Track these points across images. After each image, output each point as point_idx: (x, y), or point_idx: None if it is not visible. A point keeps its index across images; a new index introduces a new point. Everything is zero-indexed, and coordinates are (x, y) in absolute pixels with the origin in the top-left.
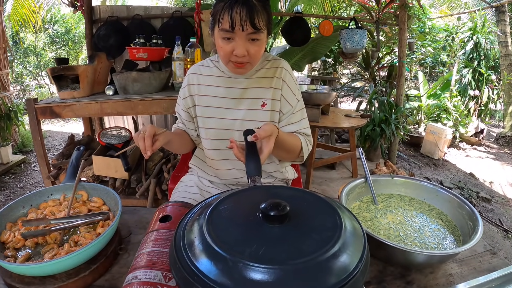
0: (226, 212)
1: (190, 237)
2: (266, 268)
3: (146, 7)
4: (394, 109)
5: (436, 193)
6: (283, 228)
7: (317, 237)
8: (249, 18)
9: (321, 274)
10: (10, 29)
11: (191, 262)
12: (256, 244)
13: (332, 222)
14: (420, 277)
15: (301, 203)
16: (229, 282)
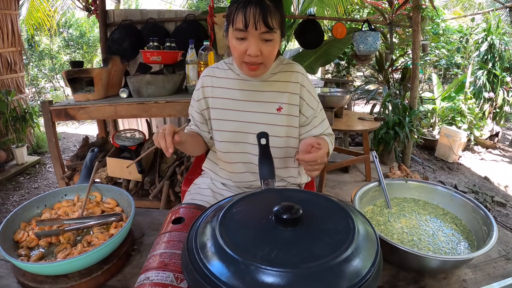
0: (239, 215)
1: (203, 239)
2: (278, 271)
3: (160, 10)
4: (408, 112)
5: (450, 197)
6: (296, 231)
7: (330, 241)
8: (262, 17)
9: (333, 278)
10: (26, 32)
11: (203, 264)
12: (268, 247)
13: (345, 225)
14: (433, 282)
15: (314, 207)
16: (241, 284)
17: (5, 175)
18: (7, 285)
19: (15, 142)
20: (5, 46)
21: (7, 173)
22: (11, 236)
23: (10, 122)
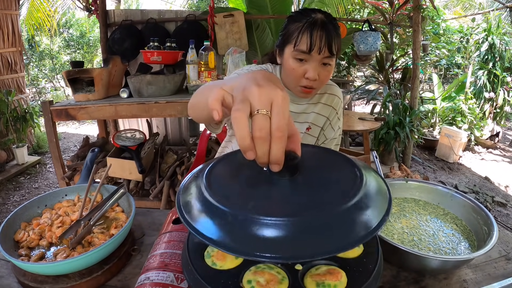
0: (228, 167)
1: (186, 198)
2: (273, 220)
3: (160, 11)
4: (409, 112)
5: (450, 197)
6: (294, 180)
7: (333, 189)
8: (327, 42)
9: (337, 228)
10: (26, 32)
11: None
12: (262, 197)
13: (350, 175)
14: (434, 282)
15: (315, 157)
16: (233, 239)
17: (6, 175)
18: (8, 285)
19: (16, 142)
20: (5, 46)
21: (8, 173)
22: (12, 236)
23: (11, 122)
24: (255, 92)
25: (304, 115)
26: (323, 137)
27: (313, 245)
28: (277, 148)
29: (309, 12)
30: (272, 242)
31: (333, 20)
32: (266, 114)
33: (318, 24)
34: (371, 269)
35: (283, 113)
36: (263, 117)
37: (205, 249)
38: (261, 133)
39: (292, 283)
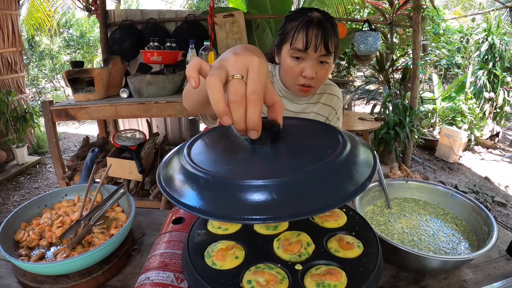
0: (211, 140)
1: (168, 172)
2: (257, 184)
3: (160, 11)
4: (409, 112)
5: (450, 197)
6: (276, 147)
7: (316, 153)
8: (323, 40)
9: (318, 189)
10: (26, 32)
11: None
12: (243, 163)
13: (334, 141)
14: (434, 282)
15: (297, 126)
16: (218, 207)
17: (6, 175)
18: (7, 285)
19: (16, 142)
20: (5, 46)
21: (8, 173)
22: (12, 236)
23: (11, 122)
24: (231, 59)
25: (303, 115)
26: None
27: (295, 206)
28: (252, 112)
29: (306, 11)
30: (256, 204)
31: (330, 18)
32: (240, 78)
33: (314, 22)
34: (371, 269)
35: (258, 78)
36: (238, 81)
37: (205, 249)
38: (236, 97)
39: (292, 283)
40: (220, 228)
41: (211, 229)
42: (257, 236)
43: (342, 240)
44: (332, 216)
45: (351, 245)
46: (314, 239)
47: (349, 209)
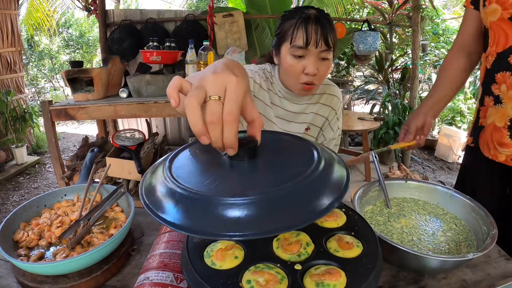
0: (191, 158)
1: (150, 184)
2: (233, 201)
3: (159, 10)
4: (408, 112)
5: (450, 197)
6: (253, 164)
7: (291, 170)
8: (323, 34)
9: (291, 205)
10: (25, 32)
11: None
12: (222, 181)
13: (310, 157)
14: (433, 282)
15: (276, 141)
16: (198, 223)
17: (5, 175)
18: (7, 285)
19: (15, 142)
20: (4, 46)
21: (7, 173)
22: (11, 236)
23: (10, 122)
24: (210, 79)
25: (303, 115)
26: (322, 138)
27: (272, 221)
28: (228, 132)
29: (301, 9)
30: (227, 220)
31: (326, 14)
32: (218, 99)
33: (312, 18)
34: (370, 269)
35: (235, 98)
36: (215, 102)
37: (204, 249)
38: (213, 118)
39: (291, 283)
40: None
41: None
42: None
43: (342, 240)
44: (332, 216)
45: (351, 245)
46: (314, 239)
47: (349, 209)
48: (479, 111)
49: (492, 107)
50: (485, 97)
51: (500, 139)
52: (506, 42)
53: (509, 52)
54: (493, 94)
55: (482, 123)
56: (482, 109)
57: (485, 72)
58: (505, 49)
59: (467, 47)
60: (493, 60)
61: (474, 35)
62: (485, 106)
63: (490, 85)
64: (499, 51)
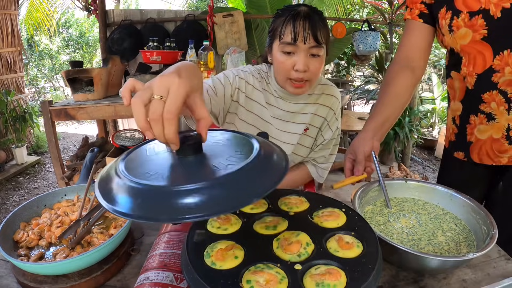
0: (144, 155)
1: (105, 179)
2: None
3: (159, 10)
4: (408, 112)
5: (450, 197)
6: (198, 157)
7: (231, 161)
8: (311, 31)
9: (239, 185)
10: (25, 32)
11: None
12: (169, 173)
13: (250, 149)
14: (433, 282)
15: (220, 137)
16: (147, 210)
17: (5, 175)
18: (7, 285)
19: (15, 142)
20: (4, 46)
21: (7, 173)
22: (11, 236)
23: (10, 122)
24: (157, 80)
25: (301, 116)
26: (321, 138)
27: (200, 208)
28: (168, 129)
29: (293, 6)
30: (174, 206)
31: (318, 11)
32: (159, 99)
33: (301, 15)
34: (370, 269)
35: (175, 98)
36: (156, 101)
37: (204, 249)
38: (153, 115)
39: (291, 283)
40: (220, 228)
41: (210, 229)
42: (257, 236)
43: (342, 240)
44: (332, 216)
45: (351, 245)
46: (314, 239)
47: (349, 209)
48: (465, 128)
49: (485, 124)
50: (470, 116)
51: (500, 148)
52: (485, 62)
53: (491, 71)
54: (484, 112)
55: (471, 139)
56: (468, 127)
57: (466, 92)
58: (486, 70)
59: (412, 61)
60: (475, 81)
61: (422, 49)
62: (472, 124)
63: (476, 105)
64: (479, 72)
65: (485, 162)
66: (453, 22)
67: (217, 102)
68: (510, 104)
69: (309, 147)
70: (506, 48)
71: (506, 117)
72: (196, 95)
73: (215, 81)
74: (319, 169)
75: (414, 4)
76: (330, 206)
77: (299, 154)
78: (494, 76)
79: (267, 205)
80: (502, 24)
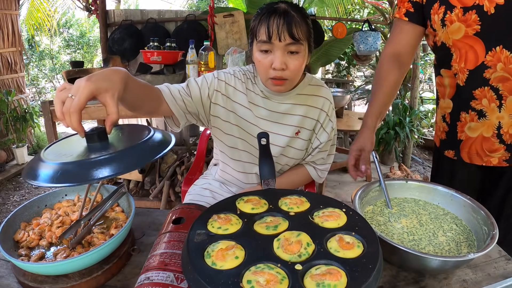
0: (66, 143)
1: (33, 166)
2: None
3: (160, 10)
4: (409, 112)
5: (450, 197)
6: (102, 143)
7: (129, 141)
8: (286, 27)
9: (130, 158)
10: (26, 32)
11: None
12: (79, 154)
13: (146, 134)
14: (434, 282)
15: (124, 128)
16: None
17: (6, 175)
18: (7, 285)
19: (16, 142)
20: (5, 46)
21: (8, 173)
22: (12, 236)
23: (11, 122)
24: (75, 83)
25: (289, 117)
26: (317, 141)
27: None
28: (72, 120)
29: (272, 4)
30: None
31: (298, 8)
32: (70, 97)
33: (278, 12)
34: (371, 269)
35: (79, 97)
36: (68, 99)
37: (205, 249)
38: (64, 109)
39: (292, 283)
40: (220, 228)
41: (211, 229)
42: (257, 236)
43: (342, 240)
44: (332, 216)
45: (351, 245)
46: (314, 239)
47: (349, 209)
48: (456, 126)
49: (476, 122)
50: (461, 113)
51: (491, 147)
52: (477, 58)
53: (483, 67)
54: (475, 110)
55: (461, 137)
56: (459, 124)
57: (457, 89)
58: (478, 66)
59: (401, 57)
60: (466, 77)
61: (412, 45)
62: (462, 122)
63: (467, 102)
64: (471, 68)
65: (475, 162)
66: (446, 17)
67: (191, 102)
68: (501, 101)
69: (303, 149)
70: (499, 44)
71: (497, 115)
72: (105, 94)
73: (191, 83)
74: (318, 170)
75: (402, 3)
76: (331, 206)
77: (292, 157)
78: (486, 72)
79: (267, 205)
80: (496, 20)
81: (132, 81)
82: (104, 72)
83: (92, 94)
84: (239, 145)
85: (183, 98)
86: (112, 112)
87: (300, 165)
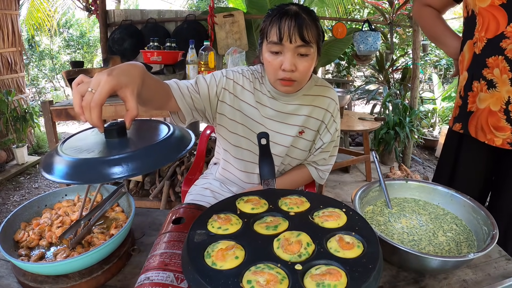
0: (82, 138)
1: (51, 159)
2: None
3: (160, 10)
4: (409, 112)
5: (450, 197)
6: (121, 139)
7: (148, 140)
8: (297, 30)
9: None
10: (26, 32)
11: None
12: (97, 149)
13: (165, 131)
14: (434, 282)
15: (143, 125)
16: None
17: (6, 175)
18: (7, 285)
19: (16, 142)
20: (5, 46)
21: (8, 173)
22: (12, 236)
23: (11, 122)
24: (94, 77)
25: (295, 117)
26: (320, 142)
27: (141, 165)
28: (93, 115)
29: (283, 6)
30: (102, 171)
31: (309, 11)
32: (90, 91)
33: (289, 14)
34: (371, 269)
35: (100, 92)
36: (88, 93)
37: (205, 249)
38: (84, 103)
39: (292, 283)
40: (220, 228)
41: (211, 229)
42: (257, 236)
43: (342, 240)
44: (332, 216)
45: (351, 245)
46: (314, 239)
47: (349, 209)
48: (467, 97)
49: (485, 92)
50: (473, 82)
51: (496, 123)
52: (497, 28)
53: (501, 37)
54: (485, 79)
55: (471, 108)
56: (470, 95)
57: (473, 58)
58: (497, 35)
59: (432, 4)
60: (483, 45)
61: (442, 3)
62: (474, 92)
63: (480, 70)
64: (490, 37)
65: (480, 137)
66: None
67: (199, 99)
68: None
69: (306, 150)
70: None
71: (508, 88)
72: (126, 90)
73: (199, 80)
74: (319, 171)
75: None
76: (331, 206)
77: (295, 157)
78: (503, 42)
79: (267, 205)
80: None
81: (148, 76)
82: (124, 66)
83: (113, 89)
84: (243, 144)
85: (191, 94)
86: (132, 108)
87: (301, 165)
